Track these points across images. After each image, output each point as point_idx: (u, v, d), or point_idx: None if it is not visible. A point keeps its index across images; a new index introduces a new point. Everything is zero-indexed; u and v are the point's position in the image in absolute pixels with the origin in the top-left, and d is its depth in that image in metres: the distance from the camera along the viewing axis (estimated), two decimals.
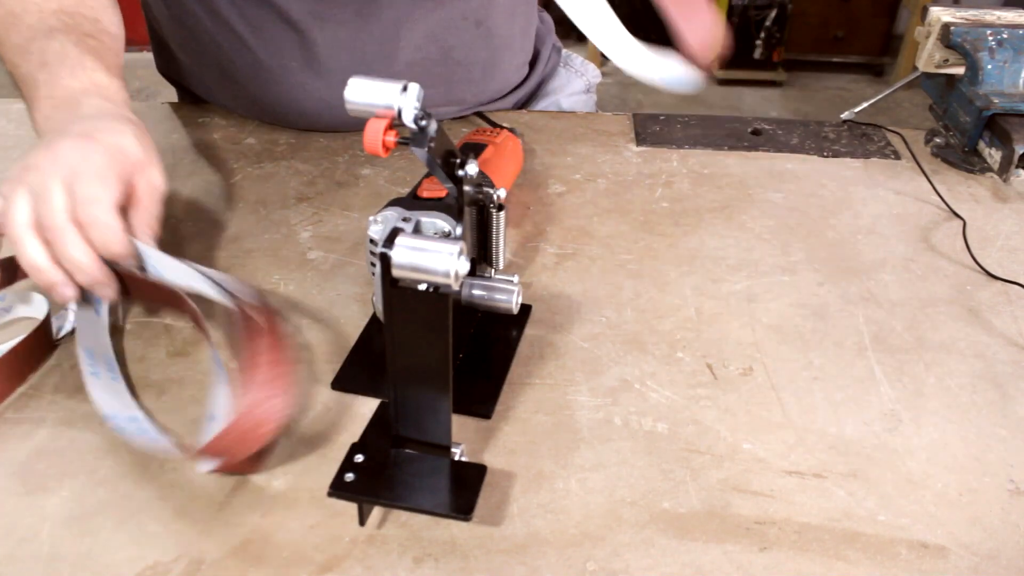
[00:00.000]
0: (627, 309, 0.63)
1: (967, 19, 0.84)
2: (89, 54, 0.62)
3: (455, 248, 0.40)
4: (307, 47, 0.79)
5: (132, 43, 0.74)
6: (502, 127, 0.74)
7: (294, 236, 0.70)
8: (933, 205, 0.77)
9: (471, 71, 0.86)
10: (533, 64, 0.96)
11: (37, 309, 0.61)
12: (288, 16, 0.77)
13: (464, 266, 0.41)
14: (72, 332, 0.59)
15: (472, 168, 0.50)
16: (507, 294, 0.53)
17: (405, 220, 0.51)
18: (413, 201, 0.55)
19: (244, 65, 0.81)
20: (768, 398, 0.55)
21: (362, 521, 0.46)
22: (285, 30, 0.78)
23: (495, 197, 0.55)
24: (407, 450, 0.48)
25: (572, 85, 1.01)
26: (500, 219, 0.56)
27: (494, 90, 0.90)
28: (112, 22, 0.69)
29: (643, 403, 0.55)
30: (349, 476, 0.45)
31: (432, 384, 0.45)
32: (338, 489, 0.45)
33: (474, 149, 0.67)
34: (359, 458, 0.46)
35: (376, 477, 0.46)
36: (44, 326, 0.57)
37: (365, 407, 0.54)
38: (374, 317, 0.61)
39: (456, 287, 0.41)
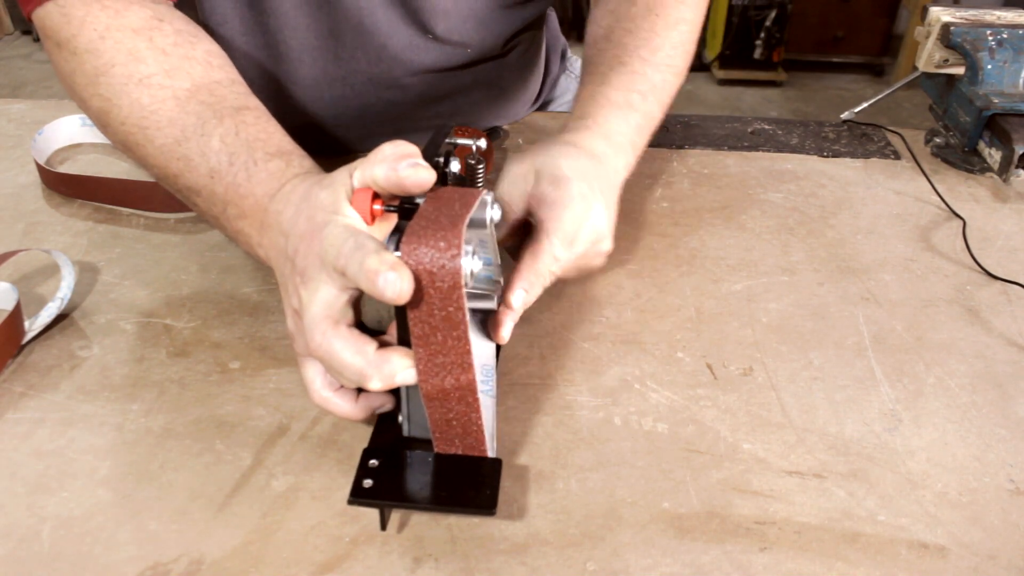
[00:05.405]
0: (627, 309, 0.63)
1: (967, 19, 0.84)
2: (255, 140, 0.54)
3: (468, 247, 0.40)
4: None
5: None
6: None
7: None
8: (933, 205, 0.77)
9: (479, 118, 0.86)
10: (542, 87, 0.96)
11: (5, 299, 0.60)
12: (296, 80, 0.76)
13: (477, 265, 0.41)
14: (43, 332, 0.59)
15: (454, 166, 0.51)
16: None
17: None
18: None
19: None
20: (768, 398, 0.55)
21: (383, 526, 0.46)
22: (289, 96, 0.77)
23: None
24: (419, 451, 0.48)
25: (571, 91, 1.01)
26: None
27: (498, 121, 0.90)
28: (231, 65, 0.61)
29: (643, 403, 0.55)
30: (368, 482, 0.45)
31: None
32: (359, 496, 0.45)
33: None
34: (373, 463, 0.46)
35: (394, 481, 0.45)
36: (14, 317, 0.57)
37: None
38: None
39: (471, 286, 0.41)
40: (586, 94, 0.64)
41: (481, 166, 0.54)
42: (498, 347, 0.54)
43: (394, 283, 0.39)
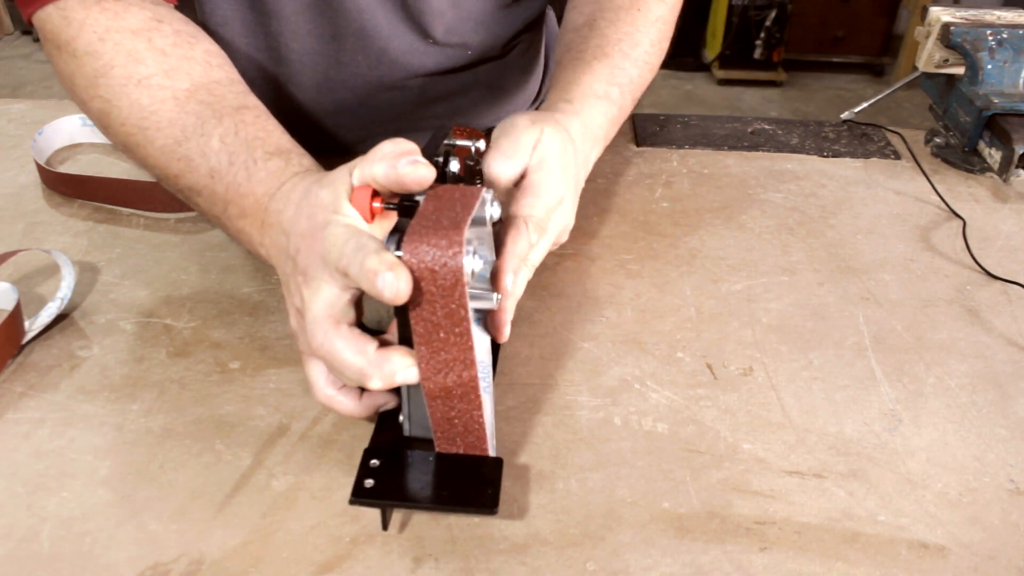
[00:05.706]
0: (627, 309, 0.63)
1: (967, 19, 0.84)
2: (254, 139, 0.54)
3: (469, 247, 0.40)
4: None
5: None
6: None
7: None
8: (933, 205, 0.77)
9: (478, 119, 0.86)
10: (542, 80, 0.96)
11: (5, 299, 0.60)
12: (299, 82, 0.76)
13: (478, 264, 0.41)
14: (43, 332, 0.59)
15: (454, 165, 0.51)
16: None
17: None
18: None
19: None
20: (768, 398, 0.55)
21: (385, 526, 0.46)
22: (293, 93, 0.77)
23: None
24: (420, 451, 0.48)
25: None
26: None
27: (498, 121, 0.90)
28: (231, 64, 0.61)
29: (643, 403, 0.55)
30: (369, 482, 0.45)
31: None
32: (360, 496, 0.45)
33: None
34: (374, 463, 0.46)
35: (395, 480, 0.46)
36: (14, 317, 0.57)
37: None
38: None
39: (471, 285, 0.41)
40: (570, 78, 0.65)
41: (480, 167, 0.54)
42: (496, 346, 0.54)
43: (392, 283, 0.39)
